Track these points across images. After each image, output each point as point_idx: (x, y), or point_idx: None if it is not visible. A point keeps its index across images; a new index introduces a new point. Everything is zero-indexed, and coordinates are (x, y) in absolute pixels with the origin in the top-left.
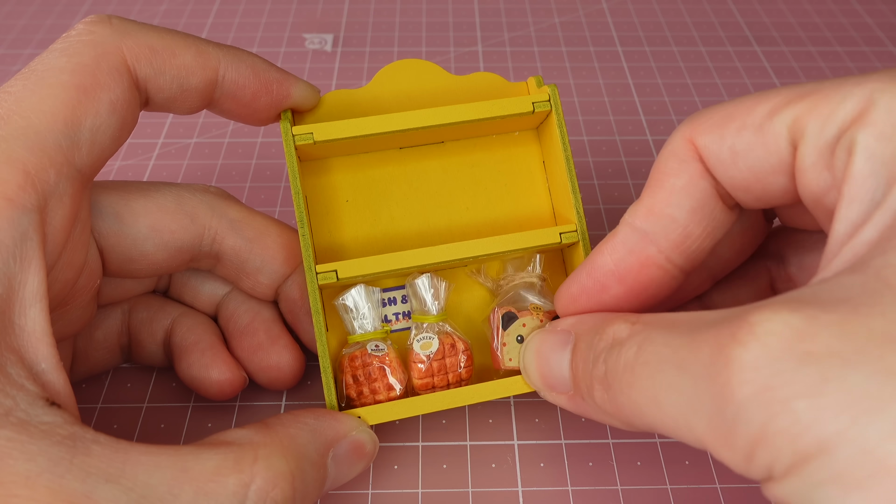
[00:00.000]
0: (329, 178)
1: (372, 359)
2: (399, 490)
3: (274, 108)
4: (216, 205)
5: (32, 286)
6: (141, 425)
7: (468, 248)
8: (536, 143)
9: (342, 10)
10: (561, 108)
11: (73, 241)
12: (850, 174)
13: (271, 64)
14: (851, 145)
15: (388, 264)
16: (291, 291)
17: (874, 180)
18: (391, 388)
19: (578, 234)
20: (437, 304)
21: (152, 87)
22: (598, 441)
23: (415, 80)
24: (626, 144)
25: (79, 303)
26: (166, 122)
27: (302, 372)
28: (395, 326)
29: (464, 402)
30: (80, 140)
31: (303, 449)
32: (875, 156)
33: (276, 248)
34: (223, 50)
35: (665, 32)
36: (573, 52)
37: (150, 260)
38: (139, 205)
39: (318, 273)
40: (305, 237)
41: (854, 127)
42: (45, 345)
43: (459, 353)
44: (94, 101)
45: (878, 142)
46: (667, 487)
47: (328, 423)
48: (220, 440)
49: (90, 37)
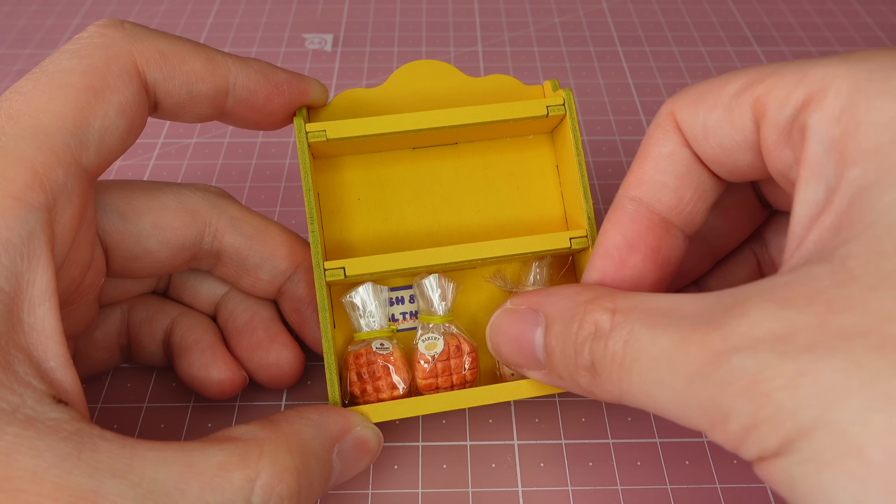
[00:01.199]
0: (341, 176)
1: (377, 357)
2: (399, 490)
3: (287, 108)
4: (216, 203)
5: (41, 284)
6: (141, 425)
7: (477, 249)
8: (550, 146)
9: (342, 10)
10: (576, 113)
11: (80, 239)
12: (804, 157)
13: (278, 67)
14: (804, 128)
15: (397, 263)
16: (296, 289)
17: (826, 162)
18: (394, 386)
19: (589, 239)
20: (444, 305)
21: (161, 91)
22: (598, 441)
23: (430, 80)
24: (626, 144)
25: (84, 301)
26: (167, 122)
27: (301, 370)
28: (401, 326)
29: (466, 405)
30: (89, 140)
31: (308, 444)
32: (826, 139)
33: (277, 245)
34: (233, 58)
35: (665, 32)
36: (573, 52)
37: (154, 258)
38: (142, 203)
39: (326, 269)
40: (315, 233)
41: (807, 109)
42: (54, 342)
43: (465, 354)
44: (104, 103)
45: (830, 125)
46: (667, 487)
47: (332, 418)
48: (226, 436)
49: (101, 39)
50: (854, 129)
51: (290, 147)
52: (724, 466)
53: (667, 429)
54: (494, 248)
